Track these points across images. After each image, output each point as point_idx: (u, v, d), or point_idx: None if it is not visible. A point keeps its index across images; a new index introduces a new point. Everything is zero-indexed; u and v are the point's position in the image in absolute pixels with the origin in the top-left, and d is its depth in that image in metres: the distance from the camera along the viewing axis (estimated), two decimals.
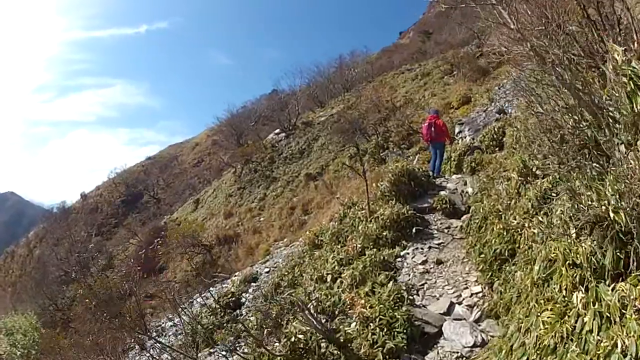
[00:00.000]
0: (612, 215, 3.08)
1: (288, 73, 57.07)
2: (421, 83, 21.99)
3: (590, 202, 3.29)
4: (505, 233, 5.38)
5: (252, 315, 8.14)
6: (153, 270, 21.67)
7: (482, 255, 5.81)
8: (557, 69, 3.66)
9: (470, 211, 7.44)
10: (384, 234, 7.54)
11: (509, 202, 5.71)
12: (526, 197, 5.23)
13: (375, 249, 7.12)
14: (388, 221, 7.67)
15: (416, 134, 15.27)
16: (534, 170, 5.54)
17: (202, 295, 10.74)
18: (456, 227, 7.71)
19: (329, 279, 7.01)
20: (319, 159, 23.93)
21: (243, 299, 9.69)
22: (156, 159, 48.65)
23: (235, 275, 12.06)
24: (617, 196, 3.09)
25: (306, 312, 5.43)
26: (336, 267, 7.16)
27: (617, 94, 3.38)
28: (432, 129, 10.86)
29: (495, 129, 10.37)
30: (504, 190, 5.92)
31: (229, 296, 9.72)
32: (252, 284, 10.32)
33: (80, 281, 23.95)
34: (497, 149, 10.13)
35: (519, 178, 5.63)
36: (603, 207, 3.16)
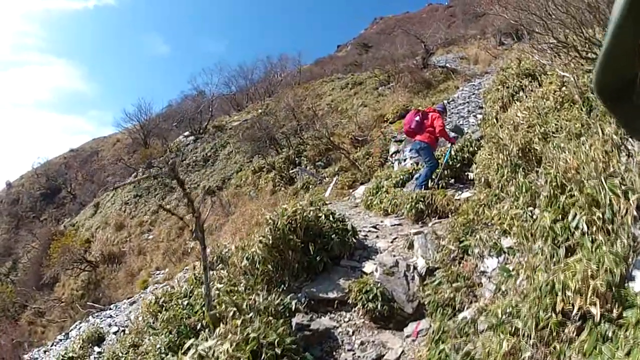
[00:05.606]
0: None
1: (206, 69, 53.44)
2: (351, 92, 18.52)
3: None
4: None
5: None
6: (46, 281, 19.74)
7: None
8: None
9: (427, 320, 3.45)
10: None
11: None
12: None
13: None
14: None
15: (336, 150, 11.44)
16: None
17: (79, 326, 9.81)
18: (396, 358, 3.32)
19: None
20: (222, 170, 20.10)
21: None
22: (78, 151, 45.23)
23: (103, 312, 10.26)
24: None
25: None
26: None
27: None
28: (418, 117, 6.65)
29: (452, 153, 6.81)
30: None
31: None
32: (96, 347, 8.13)
33: None
34: (453, 180, 6.57)
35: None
36: None
